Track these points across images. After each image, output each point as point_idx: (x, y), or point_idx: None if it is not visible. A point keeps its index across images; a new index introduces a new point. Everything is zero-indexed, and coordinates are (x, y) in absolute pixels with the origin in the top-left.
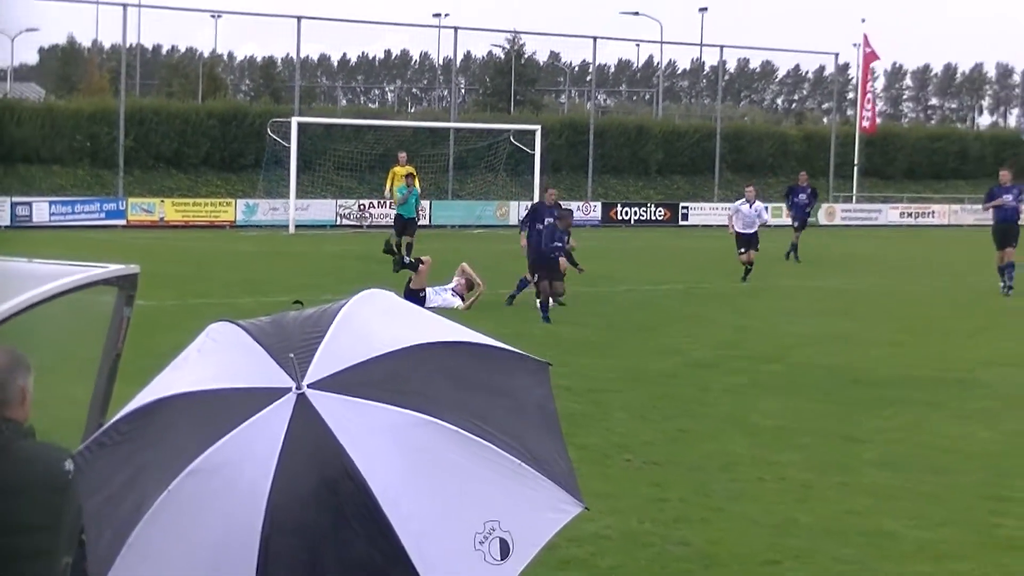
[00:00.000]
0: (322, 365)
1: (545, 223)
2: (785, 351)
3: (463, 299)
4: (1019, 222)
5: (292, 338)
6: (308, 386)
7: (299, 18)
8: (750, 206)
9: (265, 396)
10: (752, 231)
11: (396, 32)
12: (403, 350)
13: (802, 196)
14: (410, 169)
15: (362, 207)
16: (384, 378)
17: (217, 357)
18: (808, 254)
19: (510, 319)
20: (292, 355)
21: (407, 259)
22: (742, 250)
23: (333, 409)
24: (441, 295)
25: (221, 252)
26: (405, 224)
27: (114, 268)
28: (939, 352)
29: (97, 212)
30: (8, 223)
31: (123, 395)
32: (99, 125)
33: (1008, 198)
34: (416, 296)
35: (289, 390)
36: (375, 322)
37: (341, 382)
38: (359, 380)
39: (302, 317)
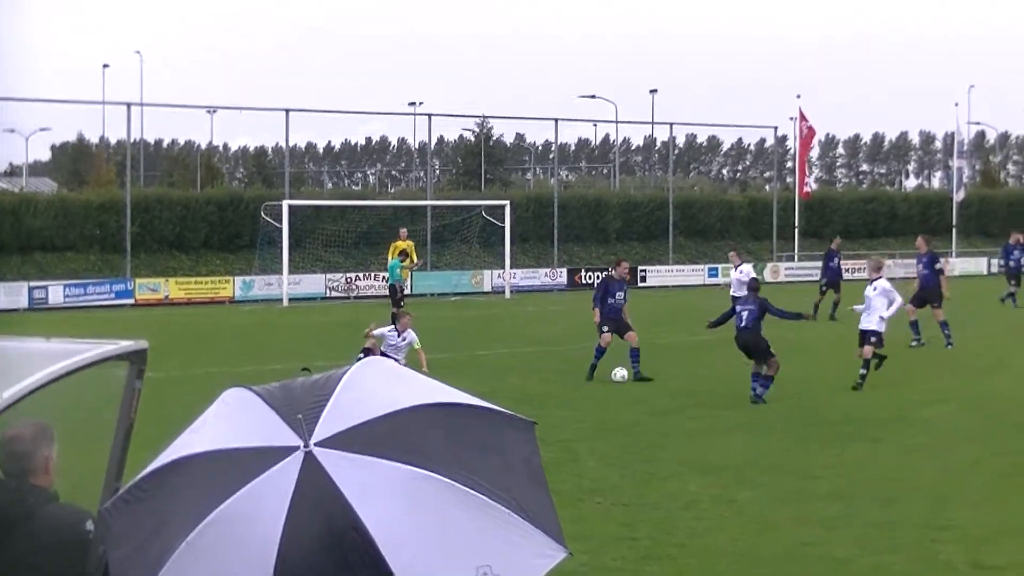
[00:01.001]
0: (328, 425)
1: (616, 296)
2: (742, 397)
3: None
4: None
5: (300, 401)
6: (315, 444)
7: (287, 111)
8: (736, 269)
9: (275, 454)
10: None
11: (376, 120)
12: (402, 410)
13: (836, 260)
14: (410, 243)
15: (349, 280)
16: (385, 436)
17: (231, 419)
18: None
19: (486, 376)
20: (300, 416)
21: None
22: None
23: (338, 465)
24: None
25: (222, 325)
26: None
27: (125, 344)
28: (882, 393)
29: (107, 293)
30: (27, 306)
31: (138, 460)
32: (108, 214)
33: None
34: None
35: (297, 448)
36: (376, 385)
37: (345, 440)
38: (362, 438)
39: (309, 382)
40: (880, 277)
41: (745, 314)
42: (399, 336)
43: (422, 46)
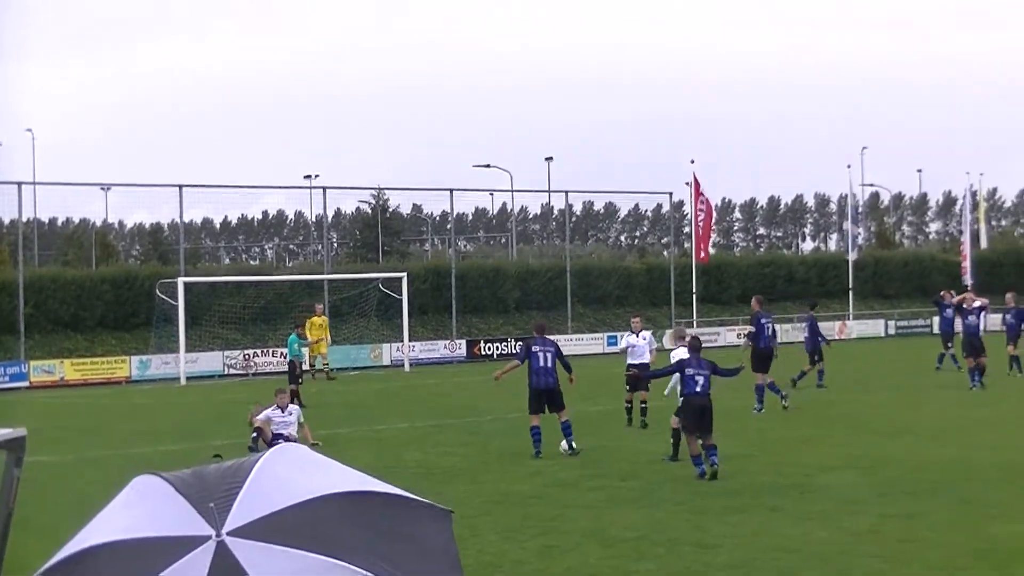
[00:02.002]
0: (240, 514)
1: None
2: (640, 467)
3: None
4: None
5: (212, 488)
6: (227, 533)
7: (180, 187)
8: (637, 336)
9: (187, 543)
10: (644, 360)
11: (272, 195)
12: (317, 498)
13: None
14: (325, 319)
15: (247, 356)
16: (299, 525)
17: (141, 507)
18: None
19: (387, 451)
20: (212, 504)
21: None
22: (628, 387)
23: (250, 555)
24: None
25: (118, 406)
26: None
27: (2, 432)
28: (777, 460)
29: (1, 376)
30: None
31: (32, 550)
32: (0, 295)
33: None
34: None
35: (209, 537)
36: (290, 472)
37: (258, 529)
38: (275, 527)
39: (222, 468)
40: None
41: (701, 379)
42: (283, 412)
43: (317, 118)
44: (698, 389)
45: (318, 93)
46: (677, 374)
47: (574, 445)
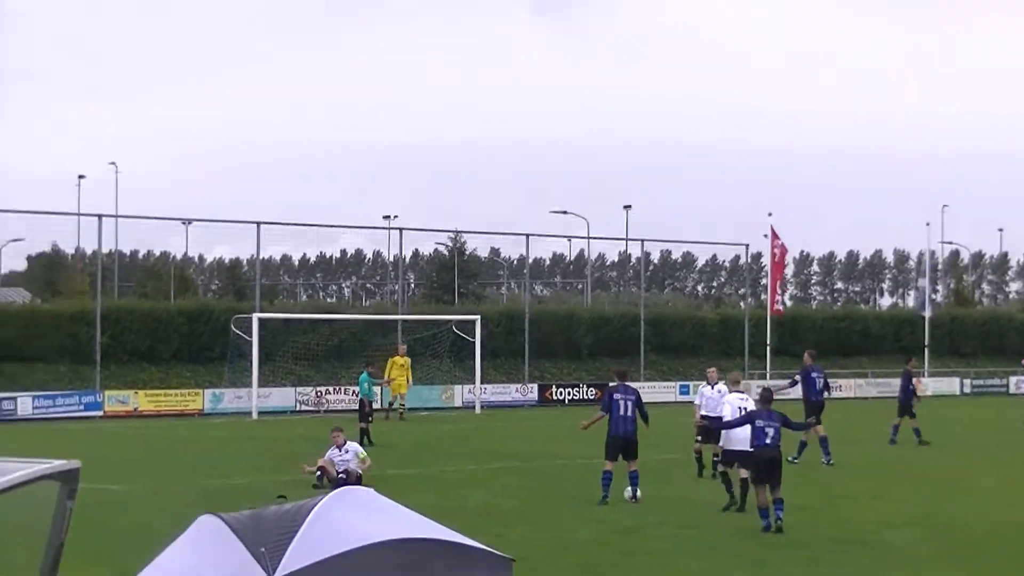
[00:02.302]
0: (294, 558)
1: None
2: (705, 517)
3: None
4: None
5: (269, 531)
6: None
7: (258, 223)
8: (712, 387)
9: None
10: (718, 413)
11: (351, 234)
12: (371, 545)
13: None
14: (408, 360)
15: (319, 394)
16: (350, 570)
17: (201, 549)
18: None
19: (451, 492)
20: (264, 549)
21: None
22: (699, 438)
23: None
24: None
25: (190, 438)
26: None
27: (56, 463)
28: (844, 515)
29: (76, 405)
30: None
31: (93, 574)
32: (78, 325)
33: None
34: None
35: None
36: (348, 517)
37: (309, 574)
38: (327, 572)
39: (281, 511)
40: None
41: (771, 431)
42: (340, 451)
43: (397, 160)
44: (768, 441)
45: (402, 134)
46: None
47: (638, 494)
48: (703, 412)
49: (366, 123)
